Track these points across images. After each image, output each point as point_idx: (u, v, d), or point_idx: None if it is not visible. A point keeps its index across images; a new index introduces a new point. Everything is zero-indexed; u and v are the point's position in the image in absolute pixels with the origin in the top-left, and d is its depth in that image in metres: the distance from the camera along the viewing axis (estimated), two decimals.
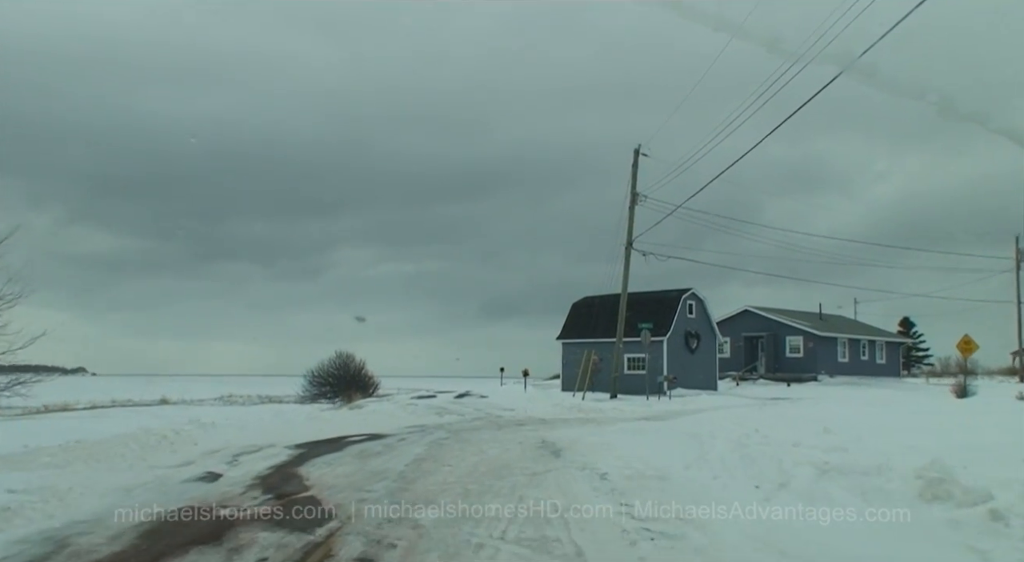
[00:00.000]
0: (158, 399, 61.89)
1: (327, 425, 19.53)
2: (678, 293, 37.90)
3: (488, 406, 29.85)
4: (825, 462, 9.51)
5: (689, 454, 12.27)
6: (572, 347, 39.72)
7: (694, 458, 11.72)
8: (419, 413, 25.14)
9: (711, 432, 13.83)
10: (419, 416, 23.91)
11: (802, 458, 9.95)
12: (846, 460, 9.55)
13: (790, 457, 10.14)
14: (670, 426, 18.57)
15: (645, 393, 35.15)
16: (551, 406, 28.00)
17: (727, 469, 10.56)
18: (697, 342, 37.94)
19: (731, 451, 11.46)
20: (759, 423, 14.73)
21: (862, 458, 9.55)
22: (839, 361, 47.72)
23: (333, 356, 48.51)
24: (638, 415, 25.68)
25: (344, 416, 21.03)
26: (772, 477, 9.56)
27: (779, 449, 10.86)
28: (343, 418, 20.87)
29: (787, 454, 10.38)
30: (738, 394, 36.92)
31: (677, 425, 18.54)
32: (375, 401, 35.84)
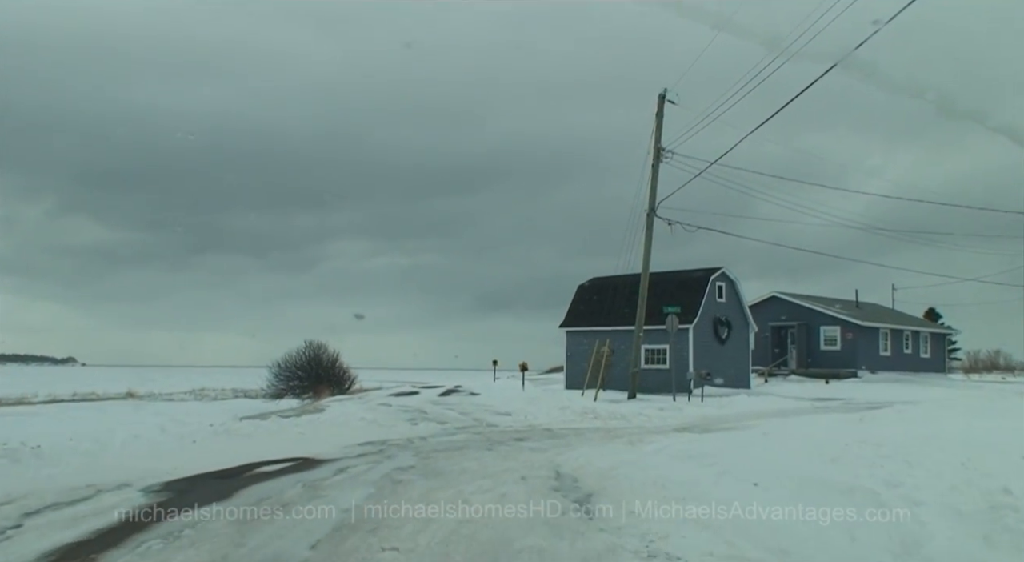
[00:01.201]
0: (124, 393, 57.50)
1: (244, 443, 13.55)
2: (706, 273, 31.99)
3: (479, 408, 23.96)
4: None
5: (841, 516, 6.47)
6: (578, 337, 33.78)
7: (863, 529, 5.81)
8: (388, 420, 19.23)
9: (858, 471, 7.90)
10: (386, 425, 17.98)
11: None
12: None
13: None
14: (739, 445, 12.68)
15: (668, 392, 29.26)
16: (557, 409, 22.09)
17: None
18: (728, 331, 32.06)
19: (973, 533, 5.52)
20: (923, 450, 8.80)
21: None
22: (881, 355, 41.89)
23: (302, 346, 42.72)
24: (673, 424, 19.79)
25: (280, 429, 15.06)
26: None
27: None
28: (278, 431, 14.90)
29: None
30: (778, 393, 31.04)
31: (748, 444, 12.66)
32: (343, 400, 29.96)
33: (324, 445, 13.87)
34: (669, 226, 26.68)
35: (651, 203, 26.45)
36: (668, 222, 26.71)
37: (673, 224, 26.67)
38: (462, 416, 21.38)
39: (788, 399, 28.29)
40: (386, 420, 18.97)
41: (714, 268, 32.19)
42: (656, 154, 26.26)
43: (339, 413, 21.33)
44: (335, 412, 21.95)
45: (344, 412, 21.86)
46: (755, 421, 20.67)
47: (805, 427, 15.00)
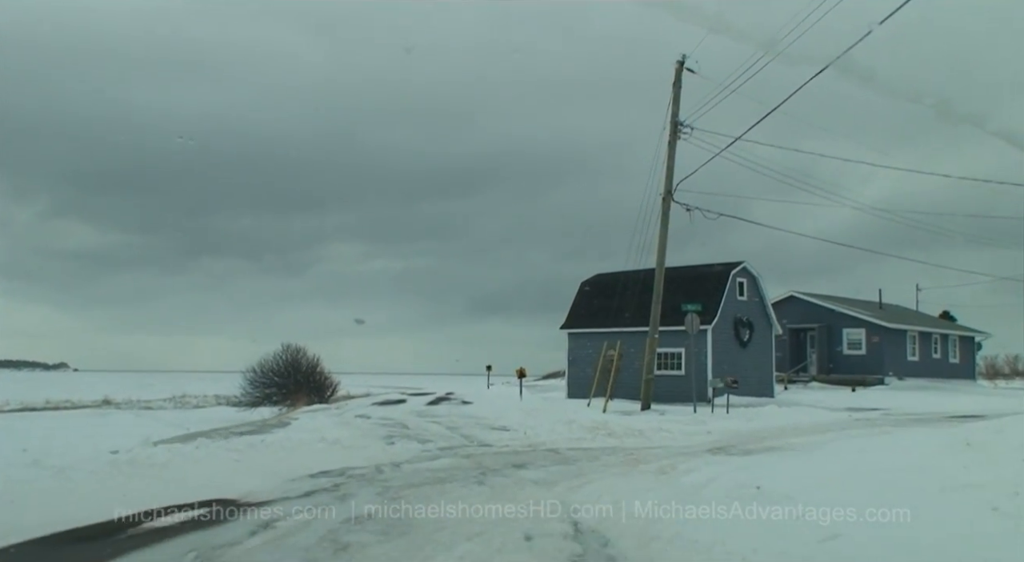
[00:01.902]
0: (100, 400, 54.88)
1: (149, 480, 10.09)
2: (725, 268, 28.63)
3: (470, 421, 20.60)
4: None
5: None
6: (582, 339, 30.40)
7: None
8: (359, 438, 15.85)
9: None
10: (355, 445, 14.57)
11: None
12: None
13: None
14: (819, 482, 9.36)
15: (683, 401, 25.90)
16: (562, 424, 18.70)
17: None
18: (749, 333, 28.70)
19: None
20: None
21: None
22: (908, 360, 38.59)
23: (279, 350, 39.26)
24: (703, 442, 16.45)
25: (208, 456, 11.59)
26: None
27: None
28: (205, 459, 11.44)
29: None
30: (805, 402, 27.68)
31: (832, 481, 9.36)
32: (317, 411, 26.54)
33: (262, 479, 10.47)
34: (688, 212, 23.38)
35: (667, 185, 23.11)
36: (686, 207, 23.40)
37: (692, 210, 23.38)
38: (449, 432, 17.99)
39: (820, 409, 24.93)
40: (356, 438, 15.56)
41: (734, 262, 28.84)
42: (673, 129, 22.93)
43: (303, 429, 17.93)
44: (299, 428, 18.54)
45: (310, 427, 18.46)
46: (799, 438, 17.35)
47: (896, 452, 11.68)
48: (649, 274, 25.33)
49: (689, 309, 22.49)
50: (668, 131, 22.99)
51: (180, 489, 9.47)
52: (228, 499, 9.12)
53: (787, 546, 6.33)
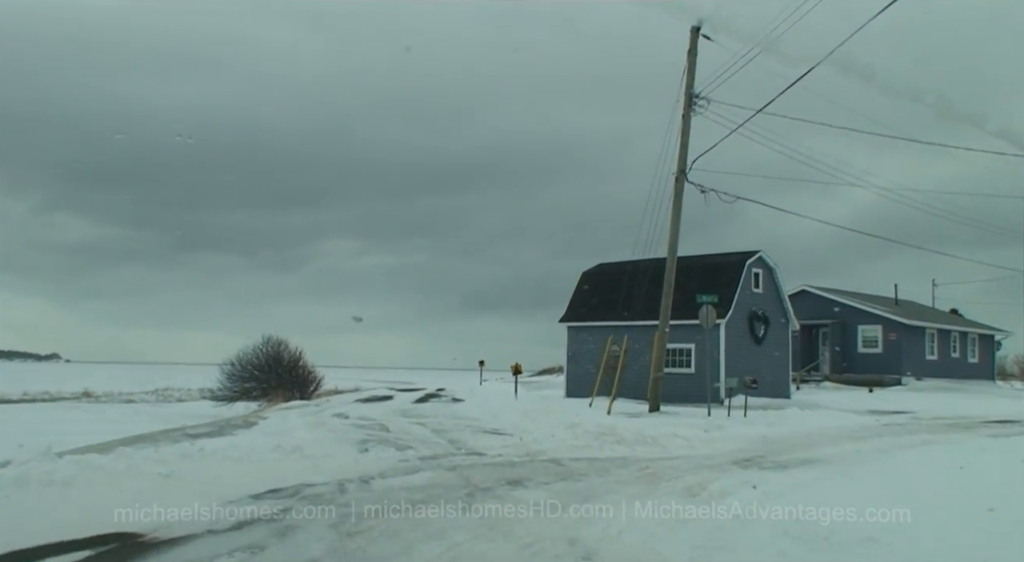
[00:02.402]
0: (80, 392, 51.76)
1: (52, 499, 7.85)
2: (740, 258, 26.40)
3: (459, 423, 18.45)
4: None
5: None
6: (583, 333, 28.17)
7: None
8: (326, 444, 13.64)
9: None
10: (319, 454, 12.34)
11: None
12: None
13: None
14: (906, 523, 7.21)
15: (693, 401, 23.74)
16: (563, 427, 16.49)
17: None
18: (765, 328, 26.47)
19: None
20: None
21: None
22: (927, 359, 36.44)
23: (260, 343, 37.01)
24: (726, 451, 14.27)
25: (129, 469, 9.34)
26: None
27: None
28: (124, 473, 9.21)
29: None
30: (825, 404, 25.52)
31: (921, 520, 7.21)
32: (291, 409, 24.35)
33: (193, 499, 8.22)
34: (702, 194, 21.14)
35: (681, 163, 20.87)
36: (701, 189, 21.17)
37: (707, 192, 21.14)
38: (435, 436, 15.78)
39: (842, 413, 22.76)
40: (324, 444, 13.34)
41: (750, 251, 26.61)
42: (688, 102, 20.69)
43: (266, 432, 15.74)
44: (263, 430, 16.34)
45: (275, 430, 16.27)
46: (833, 447, 15.17)
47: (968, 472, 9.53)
48: (657, 263, 23.14)
49: (704, 301, 20.29)
50: (682, 104, 20.75)
51: (74, 519, 7.25)
52: (132, 534, 6.90)
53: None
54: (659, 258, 22.68)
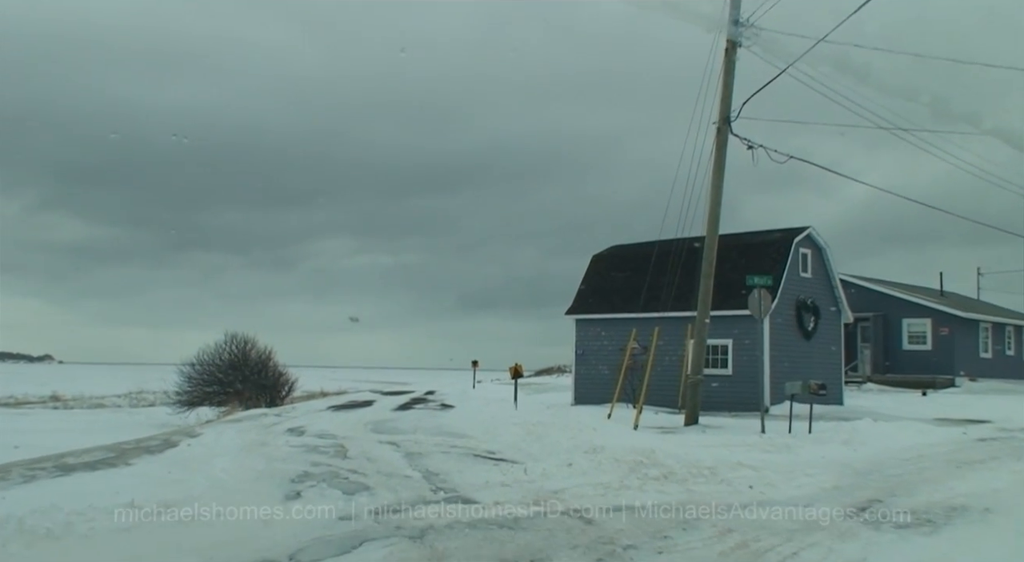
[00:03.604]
0: (48, 396, 48.09)
1: None
2: (786, 235, 22.00)
3: (444, 442, 14.23)
4: None
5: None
6: (594, 328, 23.77)
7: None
8: (257, 478, 9.45)
9: None
10: (227, 503, 7.95)
11: None
12: None
13: None
14: None
15: (731, 409, 19.48)
16: (583, 452, 12.14)
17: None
18: (815, 320, 22.08)
19: None
20: None
21: None
22: (980, 357, 32.10)
23: (223, 342, 32.67)
24: (826, 495, 9.94)
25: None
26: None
27: None
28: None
29: None
30: (886, 412, 21.16)
31: None
32: (239, 421, 20.15)
33: None
34: (749, 151, 16.80)
35: (724, 109, 16.51)
36: (748, 144, 16.82)
37: (755, 148, 16.79)
38: (407, 464, 11.47)
39: (919, 423, 18.36)
40: (238, 487, 9.01)
41: (797, 228, 22.19)
42: (731, 31, 16.34)
43: (177, 460, 11.44)
44: (175, 457, 12.06)
45: (192, 456, 12.00)
46: (960, 481, 10.83)
47: None
48: (684, 243, 18.85)
49: (756, 283, 15.90)
50: (723, 35, 16.40)
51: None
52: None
53: None
54: (686, 238, 18.41)
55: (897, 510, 8.69)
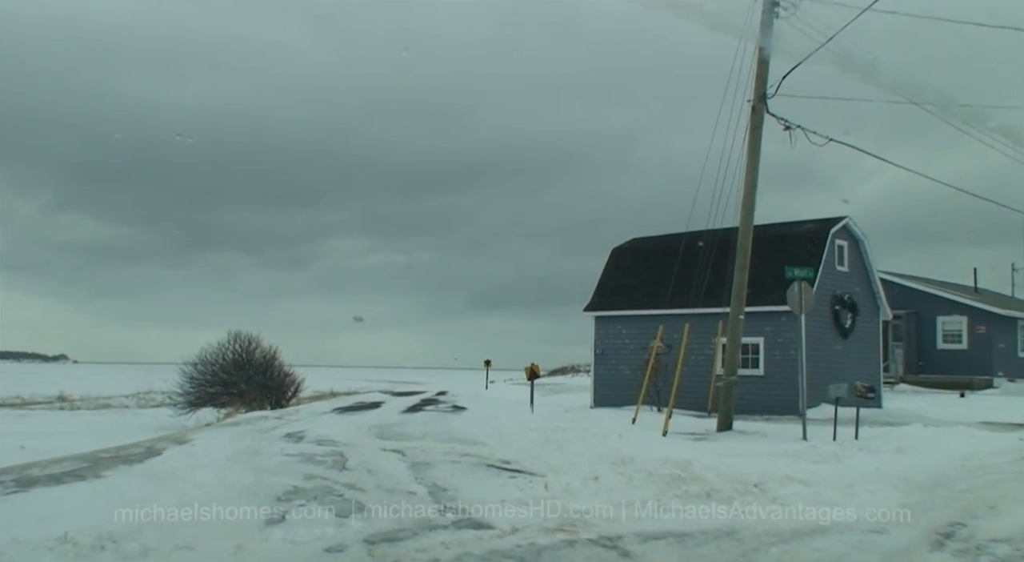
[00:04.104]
0: (55, 396, 46.50)
1: None
2: (821, 226, 20.57)
3: (455, 448, 13.01)
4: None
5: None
6: (615, 325, 22.42)
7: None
8: (240, 495, 8.20)
9: None
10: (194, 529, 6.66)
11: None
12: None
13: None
14: None
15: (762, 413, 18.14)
16: (610, 463, 10.80)
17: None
18: (852, 318, 20.65)
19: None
20: None
21: None
22: (1019, 356, 30.55)
23: (225, 341, 31.45)
24: (888, 512, 8.51)
25: None
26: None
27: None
28: None
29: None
30: (928, 415, 19.71)
31: None
32: (236, 425, 18.91)
33: None
34: (787, 131, 15.42)
35: (759, 87, 15.12)
36: (785, 125, 15.44)
37: (793, 128, 15.40)
38: (412, 477, 10.17)
39: (970, 427, 16.92)
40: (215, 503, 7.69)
41: (833, 218, 20.74)
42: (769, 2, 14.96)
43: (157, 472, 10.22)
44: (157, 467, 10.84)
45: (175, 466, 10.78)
46: None
47: None
48: (712, 235, 17.47)
49: (796, 276, 14.50)
50: (760, 2, 15.02)
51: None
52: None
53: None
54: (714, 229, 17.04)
55: (988, 537, 7.35)
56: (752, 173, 15.16)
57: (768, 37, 15.14)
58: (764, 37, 15.17)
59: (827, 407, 18.82)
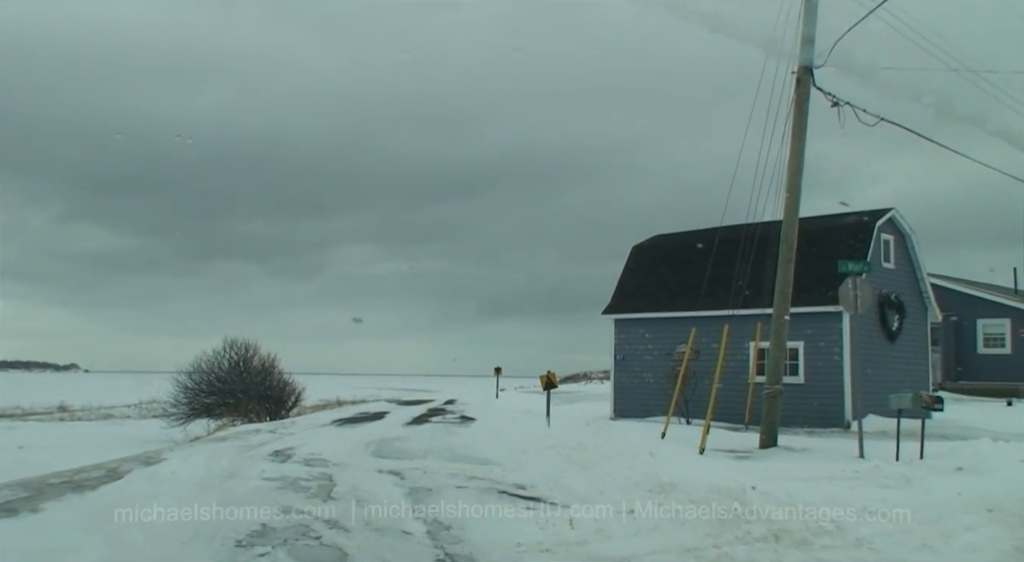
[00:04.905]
0: (56, 406, 45.60)
1: None
2: (866, 219, 18.72)
3: (461, 469, 11.36)
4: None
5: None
6: (637, 329, 20.63)
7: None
8: (192, 538, 6.26)
9: None
10: None
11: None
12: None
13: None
14: None
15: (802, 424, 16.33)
16: (645, 491, 9.04)
17: None
18: (899, 319, 18.79)
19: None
20: None
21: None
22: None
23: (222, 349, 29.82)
24: None
25: None
26: None
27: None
28: None
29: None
30: (988, 427, 17.85)
31: None
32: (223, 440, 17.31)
33: None
34: (834, 108, 13.65)
35: (805, 56, 13.34)
36: (833, 101, 13.69)
37: (842, 105, 13.64)
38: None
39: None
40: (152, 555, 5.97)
41: (878, 210, 18.91)
42: None
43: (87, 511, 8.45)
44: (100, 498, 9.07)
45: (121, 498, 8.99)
46: None
47: None
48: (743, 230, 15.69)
49: (850, 270, 12.68)
50: None
51: None
52: None
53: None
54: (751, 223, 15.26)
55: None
56: (797, 155, 13.39)
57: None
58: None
59: (875, 419, 17.02)
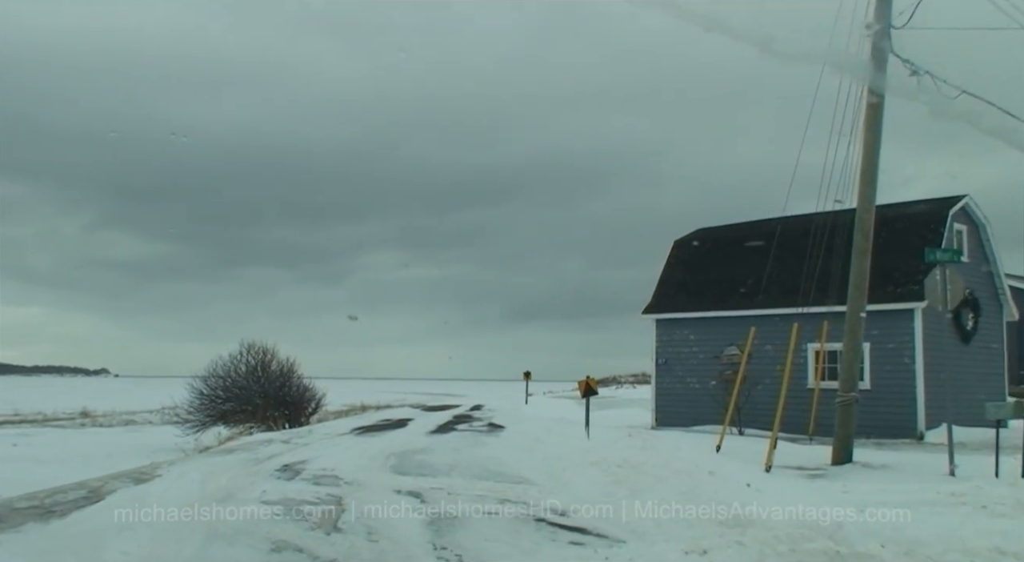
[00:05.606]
0: (79, 411, 45.76)
1: None
2: (937, 207, 17.07)
3: (492, 490, 9.91)
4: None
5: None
6: (682, 330, 19.00)
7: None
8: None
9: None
10: None
11: None
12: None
13: None
14: None
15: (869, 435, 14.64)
16: (716, 524, 7.50)
17: None
18: (975, 319, 17.09)
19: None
20: None
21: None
22: None
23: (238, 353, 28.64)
24: None
25: None
26: None
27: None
28: None
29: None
30: None
31: None
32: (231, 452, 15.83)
33: None
34: (912, 76, 12.01)
35: (882, 10, 11.69)
36: (911, 69, 12.06)
37: (921, 74, 12.00)
38: (428, 547, 6.96)
39: None
40: None
41: (951, 198, 17.21)
42: None
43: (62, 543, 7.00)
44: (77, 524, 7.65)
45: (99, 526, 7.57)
46: None
47: None
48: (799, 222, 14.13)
49: (939, 259, 11.05)
50: None
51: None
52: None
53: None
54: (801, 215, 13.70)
55: None
56: (872, 134, 11.77)
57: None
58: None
59: (996, 433, 15.34)
